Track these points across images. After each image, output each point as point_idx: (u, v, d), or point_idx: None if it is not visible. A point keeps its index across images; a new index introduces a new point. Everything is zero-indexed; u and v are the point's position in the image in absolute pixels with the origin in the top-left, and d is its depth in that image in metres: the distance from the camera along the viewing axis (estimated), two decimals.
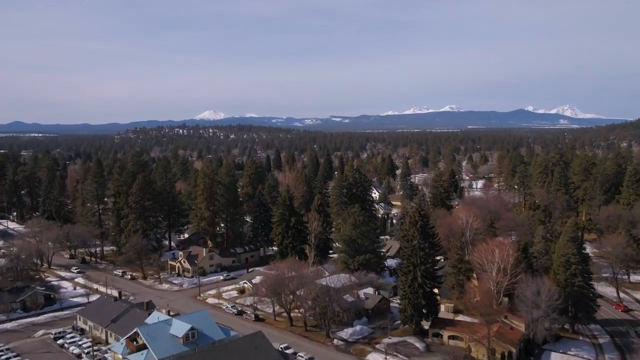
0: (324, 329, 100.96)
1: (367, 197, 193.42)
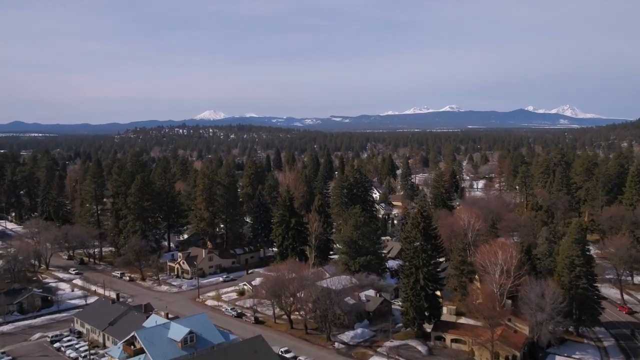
0: (325, 332, 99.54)
1: (368, 197, 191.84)
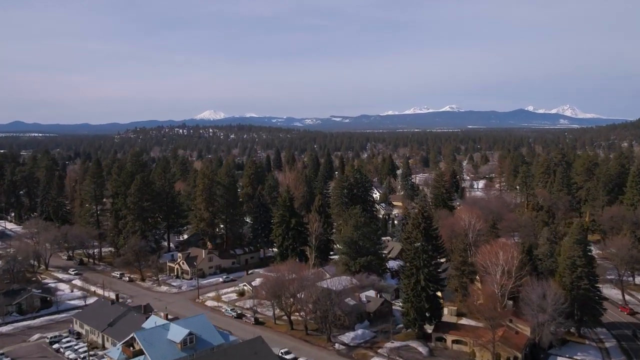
0: (325, 333, 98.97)
1: (368, 197, 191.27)
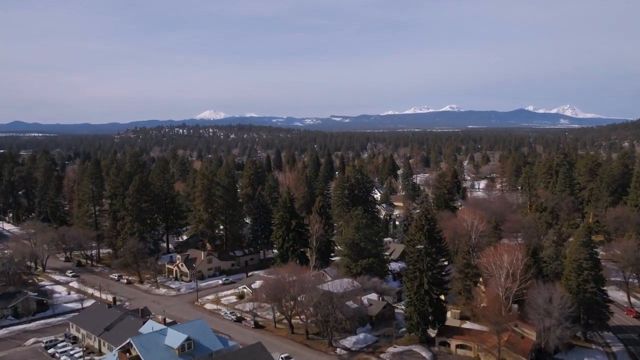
0: (327, 337, 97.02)
1: (369, 198, 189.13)
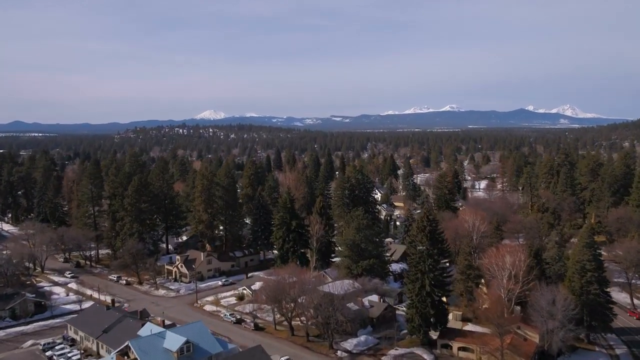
0: (327, 340, 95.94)
1: (370, 198, 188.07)
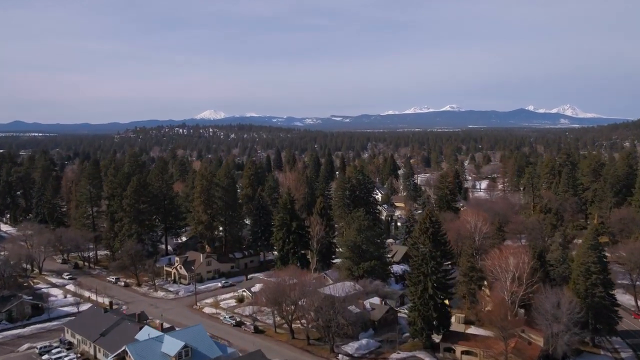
0: (328, 343, 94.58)
1: (371, 199, 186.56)
